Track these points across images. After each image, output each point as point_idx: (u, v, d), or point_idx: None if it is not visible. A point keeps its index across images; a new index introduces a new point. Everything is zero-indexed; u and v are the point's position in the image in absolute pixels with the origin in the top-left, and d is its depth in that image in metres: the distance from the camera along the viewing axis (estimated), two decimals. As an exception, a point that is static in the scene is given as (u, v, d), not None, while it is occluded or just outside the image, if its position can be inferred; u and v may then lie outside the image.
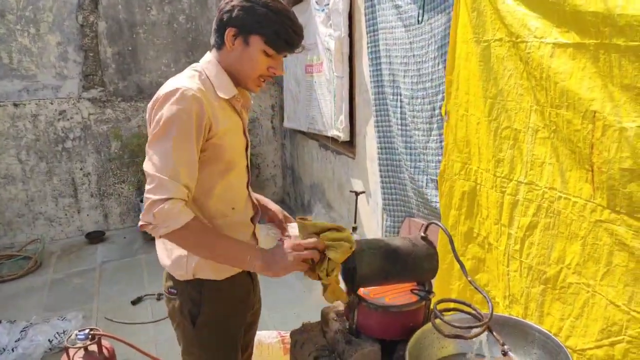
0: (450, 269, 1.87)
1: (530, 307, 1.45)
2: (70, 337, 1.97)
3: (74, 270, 3.91)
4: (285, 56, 1.33)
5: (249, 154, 1.44)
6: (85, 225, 4.63)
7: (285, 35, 1.24)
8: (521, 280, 1.46)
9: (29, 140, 4.26)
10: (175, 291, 1.39)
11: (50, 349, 2.74)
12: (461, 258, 1.80)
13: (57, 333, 2.80)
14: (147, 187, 1.15)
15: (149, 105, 1.24)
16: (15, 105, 4.14)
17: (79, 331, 1.97)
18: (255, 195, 1.59)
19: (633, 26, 1.02)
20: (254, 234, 1.49)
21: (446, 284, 1.90)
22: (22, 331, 2.83)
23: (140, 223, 1.17)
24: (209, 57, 1.33)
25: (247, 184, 1.45)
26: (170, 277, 1.40)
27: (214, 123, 1.23)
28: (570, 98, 1.21)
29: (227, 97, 1.29)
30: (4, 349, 2.70)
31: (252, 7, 1.22)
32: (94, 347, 1.97)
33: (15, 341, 2.76)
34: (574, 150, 1.23)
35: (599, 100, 1.14)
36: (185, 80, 1.23)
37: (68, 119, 4.34)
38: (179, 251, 1.33)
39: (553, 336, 1.05)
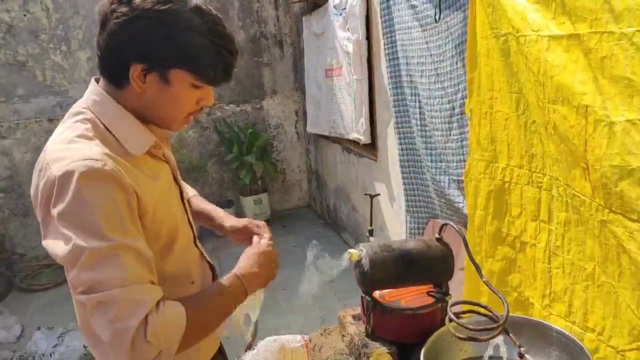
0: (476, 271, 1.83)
1: (574, 305, 1.39)
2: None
3: (108, 278, 4.04)
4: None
5: (185, 201, 1.10)
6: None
7: (222, 63, 0.91)
8: (564, 277, 1.41)
9: (63, 154, 4.43)
10: None
11: (85, 354, 2.84)
12: (490, 259, 1.76)
13: (92, 339, 2.89)
14: (103, 317, 0.77)
15: (35, 181, 0.87)
16: (50, 120, 4.32)
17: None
18: (200, 207, 1.29)
19: (632, 10, 0.97)
20: None
21: (475, 287, 1.86)
22: (59, 337, 2.94)
23: None
24: (98, 93, 0.92)
25: (195, 241, 1.11)
26: None
27: (140, 198, 0.87)
28: (564, 92, 1.16)
29: (142, 153, 0.93)
30: (43, 355, 2.82)
31: (169, 33, 0.84)
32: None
33: (53, 347, 2.87)
34: (571, 148, 1.19)
35: (591, 94, 1.09)
36: (79, 145, 0.84)
37: (99, 132, 4.50)
38: None
39: (574, 337, 1.02)
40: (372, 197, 1.51)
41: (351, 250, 1.20)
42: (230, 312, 1.02)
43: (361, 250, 1.19)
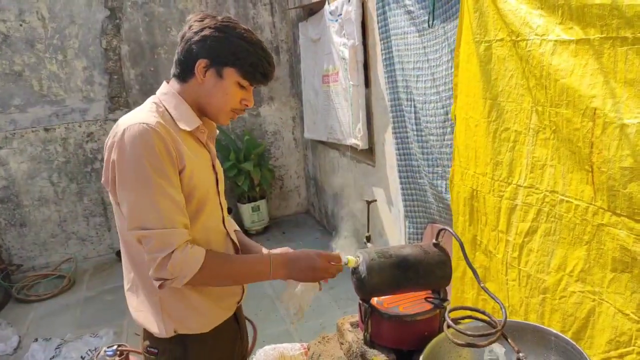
0: (463, 277, 1.82)
1: (530, 319, 1.38)
2: (99, 353, 2.01)
3: (106, 287, 4.01)
4: (255, 88, 1.27)
5: (220, 189, 1.33)
6: (116, 243, 4.74)
7: (261, 67, 1.18)
8: (520, 289, 1.41)
9: (60, 163, 4.41)
10: (155, 350, 1.24)
11: (82, 365, 2.81)
12: (468, 267, 1.76)
13: (89, 350, 2.87)
14: (145, 246, 1.09)
15: (107, 142, 1.12)
16: (46, 129, 4.31)
17: (107, 348, 2.01)
18: (249, 244, 1.45)
19: None
20: None
21: (460, 293, 1.85)
22: (56, 348, 2.92)
23: (157, 283, 1.10)
24: (166, 88, 1.22)
25: (223, 221, 1.32)
26: (148, 334, 1.26)
27: (179, 158, 1.12)
28: (570, 96, 1.17)
29: (189, 129, 1.18)
30: (40, 366, 2.79)
31: (227, 38, 1.15)
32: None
33: (51, 358, 2.84)
34: (574, 151, 1.19)
35: (600, 97, 1.10)
36: (142, 114, 1.12)
37: (96, 141, 4.49)
38: (153, 307, 1.21)
39: (572, 341, 1.01)
40: (369, 203, 1.50)
41: (348, 257, 1.19)
42: (245, 280, 1.29)
43: (358, 257, 1.18)
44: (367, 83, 3.20)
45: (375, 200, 2.95)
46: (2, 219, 4.31)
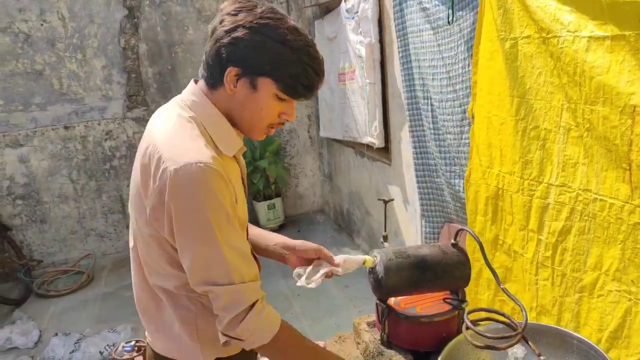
0: (478, 278, 1.79)
1: (564, 318, 1.37)
2: (117, 349, 2.04)
3: (124, 283, 4.06)
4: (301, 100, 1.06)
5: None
6: (134, 239, 4.80)
7: (305, 79, 0.98)
8: (553, 289, 1.39)
9: (79, 161, 4.48)
10: None
11: (101, 360, 2.86)
12: (488, 267, 1.73)
13: (107, 345, 2.91)
14: (213, 303, 0.96)
15: (154, 177, 0.94)
16: (66, 128, 4.38)
17: (126, 343, 2.04)
18: (272, 238, 1.31)
19: None
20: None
21: (474, 294, 1.83)
22: (75, 343, 2.97)
23: (223, 339, 0.98)
24: (197, 94, 1.03)
25: (247, 235, 1.20)
26: None
27: (233, 192, 1.00)
28: (606, 93, 1.15)
29: (231, 155, 1.04)
30: (60, 360, 2.84)
31: (264, 43, 0.94)
32: (139, 359, 2.04)
33: (70, 353, 2.89)
34: (609, 149, 1.17)
35: (639, 93, 1.08)
36: (189, 145, 0.95)
37: (114, 139, 4.54)
38: (190, 340, 1.08)
39: (595, 345, 0.99)
40: (385, 202, 1.49)
41: (366, 257, 1.18)
42: None
43: (375, 257, 1.17)
44: (383, 81, 3.18)
45: (393, 200, 2.94)
46: (24, 216, 4.40)
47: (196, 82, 1.07)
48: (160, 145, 0.95)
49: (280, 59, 0.95)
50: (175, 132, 0.98)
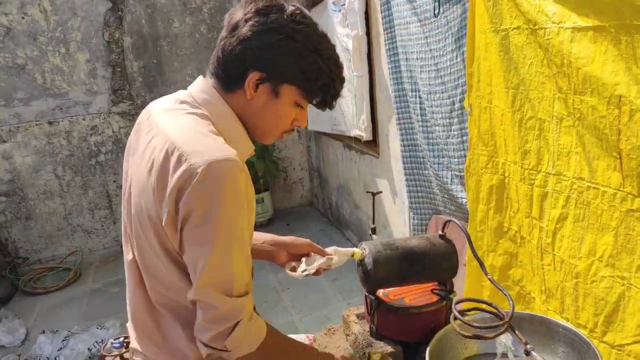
0: (480, 267, 1.82)
1: (565, 302, 1.40)
2: (106, 345, 2.03)
3: (111, 279, 4.04)
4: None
5: None
6: (121, 235, 4.74)
7: (333, 89, 0.95)
8: (555, 274, 1.42)
9: (64, 156, 4.42)
10: None
11: (90, 357, 2.84)
12: (492, 254, 1.76)
13: (96, 342, 2.89)
14: (205, 310, 0.88)
15: (160, 168, 0.86)
16: (50, 123, 4.31)
17: (114, 339, 2.02)
18: (259, 237, 1.23)
19: None
20: None
21: (477, 282, 1.85)
22: (63, 340, 2.94)
23: (205, 351, 0.90)
24: (210, 91, 0.96)
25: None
26: None
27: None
28: (593, 83, 1.16)
29: (244, 159, 0.97)
30: (48, 358, 2.82)
31: (298, 51, 0.89)
32: (128, 355, 2.02)
33: (58, 350, 2.87)
34: (600, 138, 1.18)
35: (624, 83, 1.09)
36: (209, 141, 0.87)
37: (100, 134, 4.49)
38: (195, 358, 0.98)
39: (580, 333, 1.01)
40: (374, 194, 1.49)
41: (354, 249, 1.18)
42: None
43: (364, 249, 1.18)
44: (370, 74, 3.18)
45: (381, 192, 2.95)
46: (8, 213, 4.33)
47: (205, 77, 1.00)
48: (177, 141, 0.86)
49: (313, 69, 0.91)
50: (192, 126, 0.90)
